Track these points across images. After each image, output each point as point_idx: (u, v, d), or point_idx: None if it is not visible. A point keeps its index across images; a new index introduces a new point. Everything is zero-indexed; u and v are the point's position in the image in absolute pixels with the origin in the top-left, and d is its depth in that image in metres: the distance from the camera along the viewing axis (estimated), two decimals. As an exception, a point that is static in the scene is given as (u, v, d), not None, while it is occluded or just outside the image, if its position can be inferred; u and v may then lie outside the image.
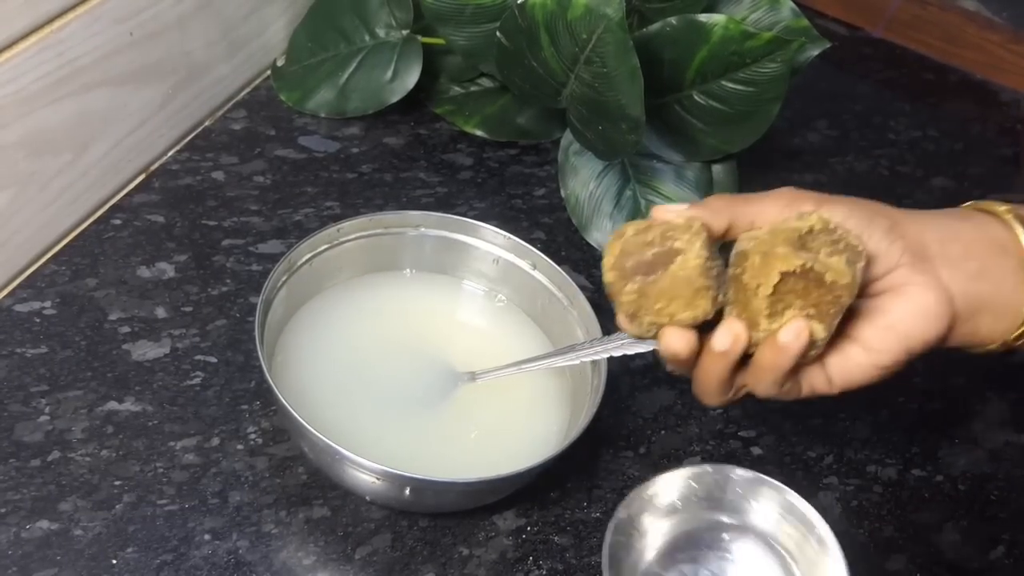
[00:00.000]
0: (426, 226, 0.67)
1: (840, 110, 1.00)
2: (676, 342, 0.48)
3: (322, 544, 0.57)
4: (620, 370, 0.67)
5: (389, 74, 0.83)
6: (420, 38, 0.83)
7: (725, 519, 0.58)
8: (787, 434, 0.69)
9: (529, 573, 0.58)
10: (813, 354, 0.47)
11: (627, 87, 0.69)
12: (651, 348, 0.60)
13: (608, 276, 0.48)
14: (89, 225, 0.72)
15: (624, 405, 0.68)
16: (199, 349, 0.65)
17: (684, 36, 0.71)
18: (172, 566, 0.55)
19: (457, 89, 0.88)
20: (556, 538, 0.60)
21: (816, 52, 0.78)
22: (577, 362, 0.61)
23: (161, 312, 0.67)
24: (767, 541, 0.58)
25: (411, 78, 0.82)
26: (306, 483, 0.60)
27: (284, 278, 0.62)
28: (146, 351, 0.65)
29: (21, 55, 0.61)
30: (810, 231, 0.46)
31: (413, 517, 0.60)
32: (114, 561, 0.54)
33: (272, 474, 0.60)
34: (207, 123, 0.82)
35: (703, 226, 0.47)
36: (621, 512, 0.55)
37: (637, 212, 0.79)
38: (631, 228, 0.48)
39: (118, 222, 0.72)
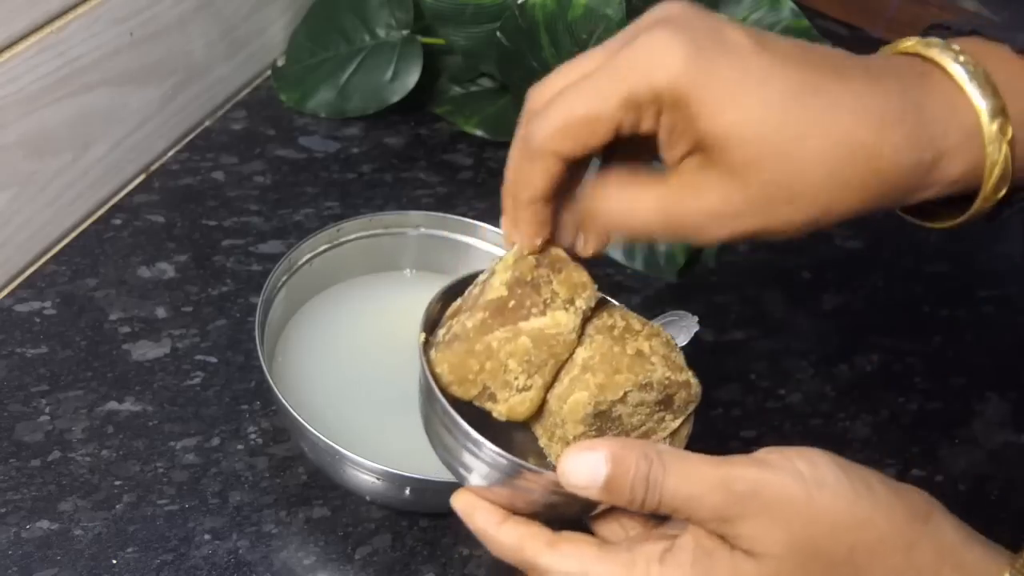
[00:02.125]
0: (426, 226, 0.67)
1: (840, 110, 1.00)
2: None
3: (322, 544, 0.57)
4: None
5: (389, 74, 0.83)
6: (420, 38, 0.83)
7: None
8: (787, 434, 0.69)
9: (529, 573, 0.58)
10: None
11: (627, 87, 0.69)
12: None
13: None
14: (89, 225, 0.72)
15: (624, 405, 0.68)
16: (199, 349, 0.65)
17: (684, 36, 0.71)
18: (172, 566, 0.55)
19: (457, 89, 0.88)
20: (556, 538, 0.60)
21: (816, 52, 0.78)
22: (577, 362, 0.61)
23: (161, 312, 0.67)
24: None
25: (411, 78, 0.82)
26: (306, 483, 0.60)
27: (284, 278, 0.62)
28: (146, 351, 0.65)
29: (21, 55, 0.61)
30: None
31: (413, 517, 0.60)
32: (114, 561, 0.54)
33: (272, 474, 0.60)
34: (207, 123, 0.82)
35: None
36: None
37: (637, 212, 0.79)
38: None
39: (118, 222, 0.72)
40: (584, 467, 0.38)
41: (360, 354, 0.63)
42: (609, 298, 0.45)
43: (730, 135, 0.36)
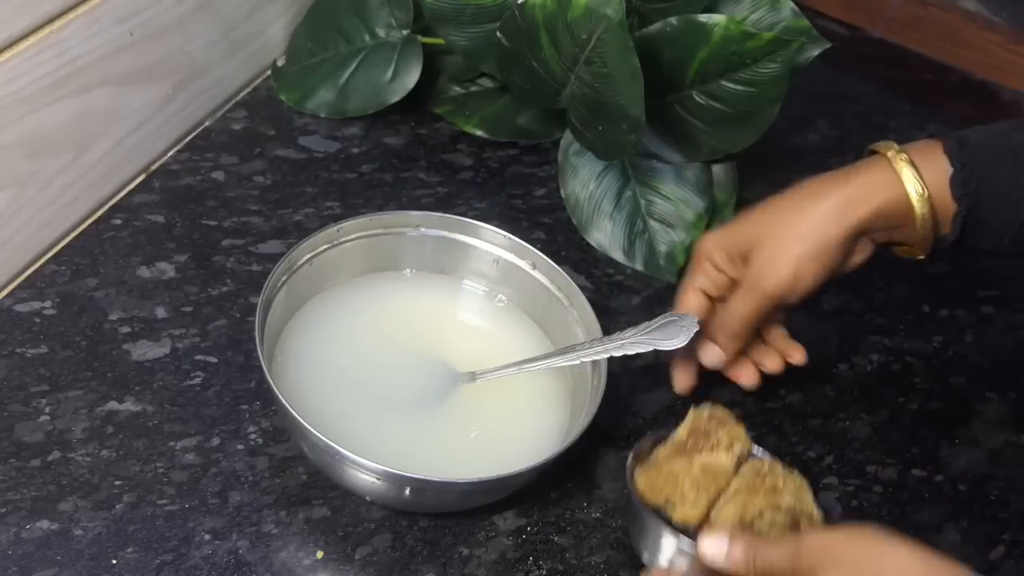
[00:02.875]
0: (426, 226, 0.67)
1: (840, 110, 1.00)
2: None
3: (322, 544, 0.57)
4: (620, 370, 0.67)
5: (389, 74, 0.83)
6: (420, 38, 0.83)
7: None
8: (787, 434, 0.69)
9: (529, 573, 0.58)
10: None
11: (627, 87, 0.69)
12: (650, 348, 0.60)
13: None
14: (89, 225, 0.72)
15: (624, 405, 0.68)
16: (199, 349, 0.65)
17: (684, 36, 0.71)
18: (172, 566, 0.55)
19: (457, 89, 0.88)
20: (556, 538, 0.60)
21: (816, 52, 0.78)
22: (577, 362, 0.61)
23: (161, 312, 0.67)
24: None
25: (411, 78, 0.82)
26: (306, 483, 0.60)
27: (284, 278, 0.62)
28: (146, 351, 0.65)
29: (21, 55, 0.61)
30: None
31: (413, 517, 0.60)
32: (114, 561, 0.54)
33: (272, 474, 0.60)
34: (207, 123, 0.82)
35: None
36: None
37: (637, 212, 0.79)
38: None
39: (118, 222, 0.72)
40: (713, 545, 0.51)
41: (360, 354, 0.64)
42: (764, 454, 0.61)
43: (747, 236, 0.63)
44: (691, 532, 0.56)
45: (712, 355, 0.65)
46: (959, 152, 0.60)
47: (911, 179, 0.60)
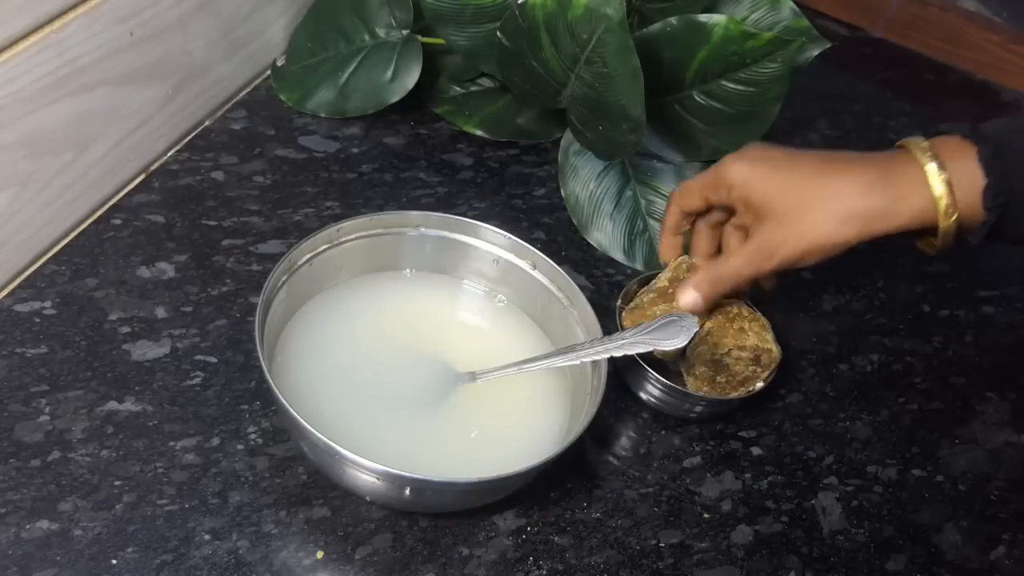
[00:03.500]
0: (426, 226, 0.67)
1: (840, 110, 1.00)
2: None
3: (322, 544, 0.57)
4: (620, 370, 0.67)
5: (389, 74, 0.83)
6: (420, 38, 0.83)
7: None
8: (787, 434, 0.69)
9: (529, 573, 0.58)
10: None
11: (628, 87, 0.69)
12: (651, 348, 0.60)
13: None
14: (89, 225, 0.72)
15: (624, 405, 0.68)
16: (199, 349, 0.65)
17: (684, 36, 0.71)
18: (172, 566, 0.55)
19: (457, 89, 0.88)
20: (556, 538, 0.60)
21: (816, 52, 0.78)
22: (577, 362, 0.61)
23: (161, 312, 0.67)
24: None
25: (411, 78, 0.82)
26: (306, 483, 0.60)
27: (284, 278, 0.62)
28: (146, 351, 0.65)
29: (21, 55, 0.61)
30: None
31: (413, 517, 0.60)
32: (114, 561, 0.54)
33: (272, 474, 0.60)
34: (207, 123, 0.82)
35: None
36: None
37: (637, 212, 0.79)
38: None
39: (118, 222, 0.72)
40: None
41: (360, 354, 0.64)
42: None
43: (772, 201, 0.62)
44: (667, 367, 0.67)
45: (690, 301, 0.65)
46: (994, 162, 0.57)
47: (944, 199, 0.58)
